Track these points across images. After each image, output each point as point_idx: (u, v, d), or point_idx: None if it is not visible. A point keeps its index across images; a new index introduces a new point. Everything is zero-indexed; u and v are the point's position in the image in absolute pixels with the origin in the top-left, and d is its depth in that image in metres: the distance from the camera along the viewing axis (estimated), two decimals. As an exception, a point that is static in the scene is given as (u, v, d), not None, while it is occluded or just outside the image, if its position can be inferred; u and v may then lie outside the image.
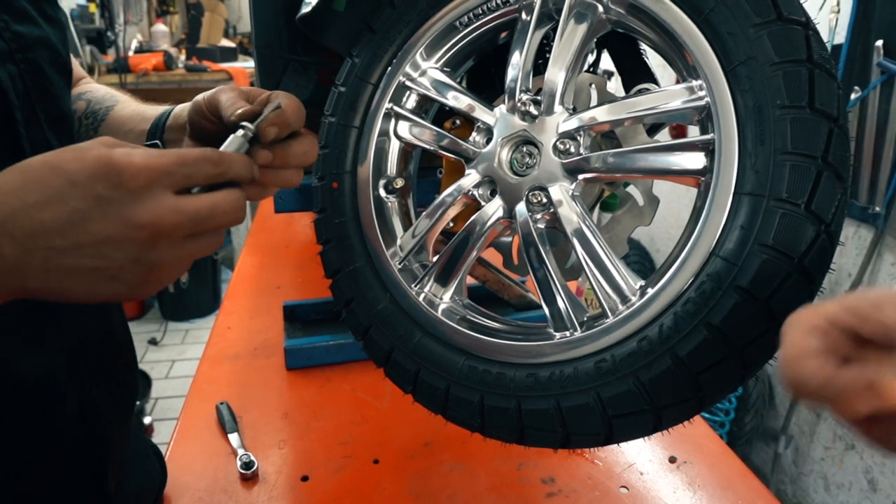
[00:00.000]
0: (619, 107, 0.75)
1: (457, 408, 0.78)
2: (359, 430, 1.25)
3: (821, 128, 0.60)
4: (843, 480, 2.55)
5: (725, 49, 0.65)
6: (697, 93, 0.68)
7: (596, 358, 0.69)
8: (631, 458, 1.17)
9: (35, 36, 0.70)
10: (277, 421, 1.28)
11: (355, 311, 0.88)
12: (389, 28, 0.88)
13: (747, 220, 0.62)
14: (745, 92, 0.64)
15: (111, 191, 0.49)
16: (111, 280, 0.51)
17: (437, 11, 0.85)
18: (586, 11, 0.76)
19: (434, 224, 0.86)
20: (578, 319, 0.74)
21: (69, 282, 0.50)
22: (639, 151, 0.73)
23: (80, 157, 0.50)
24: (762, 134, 0.62)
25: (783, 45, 0.62)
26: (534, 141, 0.78)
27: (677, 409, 0.66)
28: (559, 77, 0.77)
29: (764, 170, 0.62)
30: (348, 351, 1.45)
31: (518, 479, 1.12)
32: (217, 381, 1.41)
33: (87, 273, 0.50)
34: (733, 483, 1.12)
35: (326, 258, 0.92)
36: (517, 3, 0.82)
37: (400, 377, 0.84)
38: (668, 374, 0.65)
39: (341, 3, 0.95)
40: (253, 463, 1.13)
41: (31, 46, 0.69)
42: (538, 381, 0.72)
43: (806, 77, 0.61)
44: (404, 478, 1.12)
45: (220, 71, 4.64)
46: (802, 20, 0.63)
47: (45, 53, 0.71)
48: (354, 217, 0.89)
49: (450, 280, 0.84)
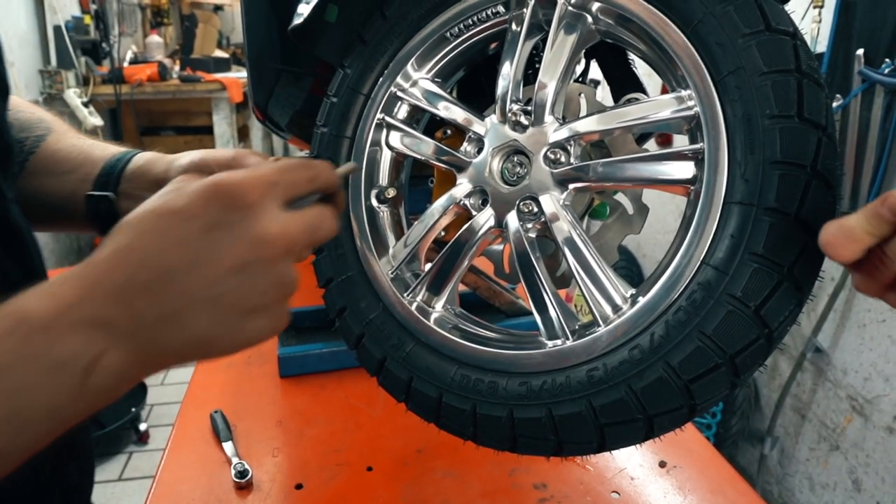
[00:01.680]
0: (609, 117, 0.74)
1: (449, 416, 0.77)
2: (352, 437, 1.23)
3: (810, 137, 0.60)
4: (827, 480, 2.55)
5: (714, 59, 0.64)
6: (687, 102, 0.67)
7: (588, 367, 0.68)
8: (622, 462, 1.16)
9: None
10: (271, 429, 1.26)
11: (348, 320, 0.87)
12: (381, 39, 0.87)
13: (737, 229, 0.61)
14: (735, 101, 0.63)
15: (229, 214, 0.44)
16: (255, 314, 0.45)
17: (428, 22, 0.83)
18: (576, 22, 0.75)
19: (426, 233, 0.84)
20: (570, 328, 0.72)
21: (213, 328, 0.43)
22: (629, 161, 0.72)
23: (182, 192, 0.45)
24: (752, 143, 0.61)
25: (772, 54, 0.61)
26: (524, 151, 0.77)
27: (669, 417, 0.65)
28: (549, 87, 0.76)
29: (754, 179, 0.61)
30: (342, 358, 1.44)
31: (510, 485, 1.10)
32: (211, 389, 1.39)
33: (229, 311, 0.43)
34: (722, 487, 1.11)
35: (319, 268, 0.91)
36: (507, 14, 0.81)
37: (393, 386, 0.83)
38: (659, 383, 0.64)
39: (333, 14, 0.94)
40: (247, 471, 1.11)
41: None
42: (530, 390, 0.71)
43: (794, 86, 0.60)
44: (398, 485, 1.11)
45: (214, 81, 4.62)
46: (790, 30, 0.62)
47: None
48: (346, 227, 0.87)
49: (442, 289, 0.83)
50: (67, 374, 0.35)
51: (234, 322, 0.44)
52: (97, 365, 0.35)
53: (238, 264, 0.43)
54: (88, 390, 0.35)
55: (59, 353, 0.35)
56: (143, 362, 0.39)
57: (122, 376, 0.38)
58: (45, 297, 0.37)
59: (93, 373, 0.35)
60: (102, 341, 0.36)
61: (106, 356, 0.36)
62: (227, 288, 0.43)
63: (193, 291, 0.41)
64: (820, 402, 2.59)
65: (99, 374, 0.35)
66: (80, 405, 0.36)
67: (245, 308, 0.44)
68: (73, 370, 0.35)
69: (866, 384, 2.34)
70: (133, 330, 0.38)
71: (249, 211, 0.45)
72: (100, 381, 0.36)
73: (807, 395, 2.66)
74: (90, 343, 0.36)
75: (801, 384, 2.67)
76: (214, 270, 0.42)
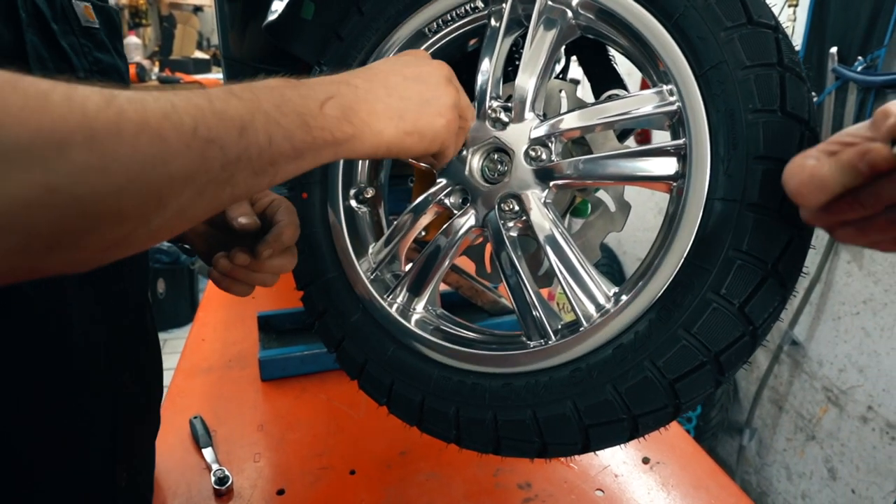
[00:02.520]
0: (590, 113, 0.72)
1: (432, 420, 0.75)
2: (335, 440, 1.21)
3: (793, 131, 0.58)
4: (804, 470, 2.57)
5: (696, 53, 0.62)
6: (668, 98, 0.66)
7: (571, 367, 0.66)
8: (605, 460, 1.15)
9: (109, 63, 0.76)
10: (252, 434, 1.23)
11: (328, 323, 0.84)
12: (358, 35, 0.84)
13: (721, 225, 0.59)
14: (717, 96, 0.61)
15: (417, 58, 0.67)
16: (431, 100, 0.62)
17: (406, 18, 0.81)
18: (556, 17, 0.73)
19: (406, 233, 0.82)
20: (553, 328, 0.71)
21: (403, 102, 0.60)
22: (610, 157, 0.70)
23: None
24: (734, 138, 0.60)
25: (754, 48, 0.60)
26: (505, 148, 0.75)
27: (654, 417, 0.64)
28: (530, 83, 0.73)
29: (737, 175, 0.59)
30: (323, 360, 1.41)
31: (495, 486, 1.08)
32: (191, 394, 1.36)
33: (416, 93, 0.62)
34: (705, 482, 1.10)
35: (297, 270, 0.88)
36: (486, 9, 0.79)
37: (374, 389, 0.80)
38: (644, 382, 0.62)
39: (309, 11, 0.91)
40: (228, 478, 1.08)
41: (106, 71, 0.75)
42: (514, 392, 0.69)
43: (777, 80, 0.59)
44: (381, 488, 1.08)
45: (194, 82, 4.55)
46: (772, 24, 0.61)
47: (116, 78, 0.77)
48: (324, 227, 0.85)
49: (422, 290, 0.80)
50: (312, 100, 0.53)
51: (416, 103, 0.61)
52: (329, 99, 0.54)
53: (420, 73, 0.64)
54: (325, 114, 0.53)
55: (307, 90, 0.54)
56: (356, 109, 0.57)
57: (344, 114, 0.55)
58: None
59: (326, 104, 0.54)
60: (334, 90, 0.56)
61: (335, 98, 0.55)
62: (409, 84, 0.62)
63: (389, 81, 0.61)
64: (796, 393, 2.60)
65: (330, 104, 0.54)
66: (318, 121, 0.53)
67: (423, 97, 0.62)
68: (315, 100, 0.53)
69: (841, 375, 2.36)
70: (353, 90, 0.57)
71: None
72: (329, 110, 0.54)
73: (784, 386, 2.67)
74: (327, 88, 0.55)
75: (778, 376, 2.69)
76: (407, 72, 0.63)
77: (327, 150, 0.54)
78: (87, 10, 0.74)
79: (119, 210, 0.39)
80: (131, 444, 0.80)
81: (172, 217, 0.44)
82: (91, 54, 0.73)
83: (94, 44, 0.74)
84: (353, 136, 0.56)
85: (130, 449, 0.80)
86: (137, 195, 0.40)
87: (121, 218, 0.40)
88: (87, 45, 0.73)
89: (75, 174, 0.36)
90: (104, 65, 0.75)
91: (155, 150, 0.40)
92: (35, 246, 0.37)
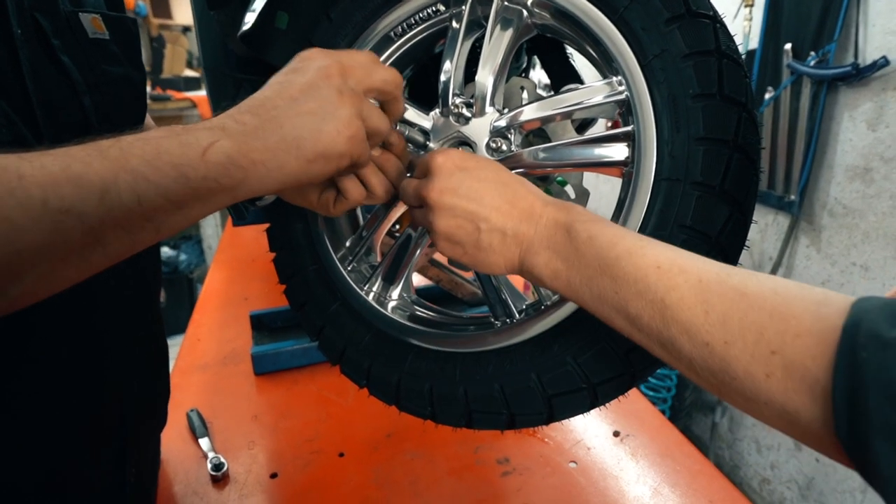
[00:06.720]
0: (547, 104, 0.72)
1: (408, 398, 0.75)
2: (324, 426, 1.21)
3: (731, 114, 0.59)
4: (772, 442, 2.60)
5: (641, 44, 0.63)
6: (617, 87, 0.66)
7: (534, 342, 0.67)
8: (579, 434, 1.16)
9: (120, 74, 0.74)
10: (247, 424, 1.22)
11: (309, 313, 0.84)
12: (328, 41, 0.84)
13: (667, 203, 0.60)
14: (661, 83, 0.62)
15: (303, 62, 0.59)
16: (326, 118, 0.55)
17: (371, 23, 0.81)
18: (512, 17, 0.74)
19: (378, 227, 0.82)
20: (517, 308, 0.71)
21: (297, 130, 0.54)
22: (567, 145, 0.71)
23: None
24: (677, 122, 0.61)
25: (693, 37, 0.60)
26: (468, 141, 0.76)
27: (612, 385, 0.64)
28: (488, 80, 0.74)
29: (680, 155, 0.60)
30: (313, 354, 1.41)
31: (475, 462, 1.09)
32: (187, 389, 1.35)
33: (308, 115, 0.54)
34: (672, 451, 1.11)
35: (279, 265, 0.88)
36: (447, 12, 0.80)
37: (354, 372, 0.81)
38: (600, 354, 0.63)
39: (283, 21, 0.91)
40: (223, 464, 1.08)
41: (116, 83, 0.73)
42: (483, 368, 0.70)
43: (715, 67, 0.59)
44: (369, 468, 1.08)
45: (184, 99, 4.51)
46: (710, 13, 0.61)
47: (127, 89, 0.75)
48: (302, 223, 0.85)
49: (396, 279, 0.81)
50: (193, 148, 0.48)
51: (313, 123, 0.55)
52: (212, 146, 0.49)
53: (305, 87, 0.56)
54: (207, 161, 0.48)
55: (189, 137, 0.49)
56: (245, 150, 0.51)
57: (230, 159, 0.50)
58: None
59: (209, 150, 0.48)
60: (219, 134, 0.50)
61: (219, 143, 0.49)
62: (303, 100, 0.55)
63: (279, 109, 0.54)
64: (764, 371, 2.63)
65: (212, 151, 0.49)
66: (200, 171, 0.48)
67: (319, 115, 0.55)
68: (197, 147, 0.48)
69: (805, 352, 2.39)
70: (241, 128, 0.51)
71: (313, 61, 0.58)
72: (212, 157, 0.48)
73: (752, 365, 2.70)
74: (211, 134, 0.50)
75: (746, 356, 2.71)
76: (290, 93, 0.55)
77: (220, 196, 0.50)
78: (94, 21, 0.71)
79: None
80: (138, 442, 0.80)
81: (35, 284, 0.42)
82: (99, 67, 0.70)
83: (103, 56, 0.71)
84: (244, 179, 0.50)
85: (138, 447, 0.80)
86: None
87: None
88: (95, 57, 0.70)
89: None
90: (113, 77, 0.72)
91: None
92: None
